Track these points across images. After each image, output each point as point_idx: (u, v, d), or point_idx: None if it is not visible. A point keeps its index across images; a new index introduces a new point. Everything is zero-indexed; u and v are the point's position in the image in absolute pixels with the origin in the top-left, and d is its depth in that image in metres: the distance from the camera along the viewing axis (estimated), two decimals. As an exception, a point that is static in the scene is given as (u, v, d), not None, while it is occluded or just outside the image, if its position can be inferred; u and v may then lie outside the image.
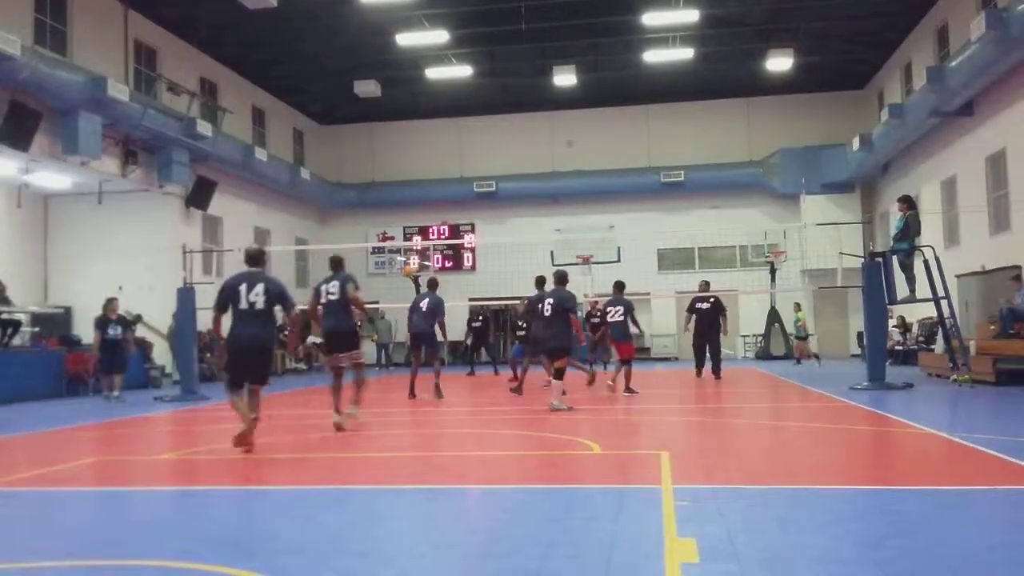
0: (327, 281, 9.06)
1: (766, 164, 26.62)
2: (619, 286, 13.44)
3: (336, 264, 9.30)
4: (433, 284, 13.27)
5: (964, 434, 7.82)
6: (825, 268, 19.79)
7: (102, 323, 14.56)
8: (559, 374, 10.50)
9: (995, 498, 5.22)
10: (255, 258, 7.95)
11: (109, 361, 14.60)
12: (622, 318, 12.86)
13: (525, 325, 15.90)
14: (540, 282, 12.62)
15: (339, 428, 8.76)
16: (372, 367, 25.63)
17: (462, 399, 13.96)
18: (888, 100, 23.18)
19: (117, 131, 17.92)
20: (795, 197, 25.75)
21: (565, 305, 10.55)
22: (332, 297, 8.89)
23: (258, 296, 7.55)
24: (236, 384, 7.60)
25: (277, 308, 7.75)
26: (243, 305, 7.54)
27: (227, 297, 7.65)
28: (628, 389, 12.76)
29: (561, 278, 11.00)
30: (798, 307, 22.69)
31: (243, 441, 7.39)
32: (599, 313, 16.10)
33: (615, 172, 27.43)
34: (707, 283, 17.04)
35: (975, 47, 15.80)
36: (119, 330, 14.77)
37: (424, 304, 12.76)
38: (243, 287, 7.58)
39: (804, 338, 22.37)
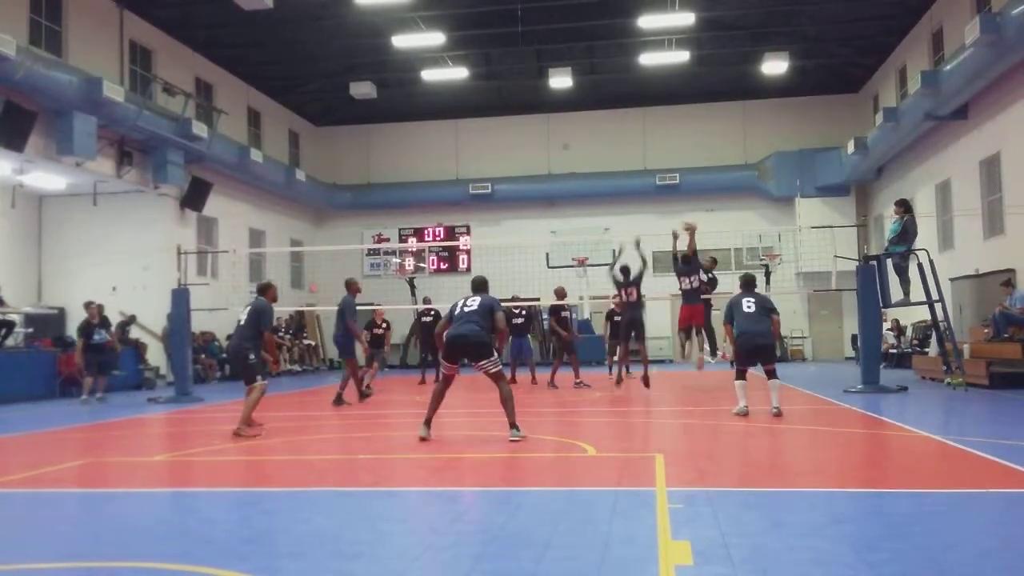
0: (467, 298, 8.62)
1: (761, 167, 26.68)
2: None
3: (480, 286, 8.87)
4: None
5: (958, 437, 7.85)
6: (820, 271, 19.80)
7: (86, 329, 14.63)
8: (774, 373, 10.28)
9: (988, 501, 5.23)
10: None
11: (96, 364, 14.67)
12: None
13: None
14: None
15: (424, 440, 8.22)
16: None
17: (455, 400, 13.95)
18: (883, 104, 23.23)
19: (112, 132, 17.88)
20: (790, 200, 25.86)
21: (767, 306, 10.50)
22: (468, 309, 8.42)
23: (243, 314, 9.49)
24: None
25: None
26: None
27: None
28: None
29: (750, 281, 10.84)
30: None
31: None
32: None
33: (610, 175, 27.45)
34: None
35: (970, 51, 15.85)
36: (103, 334, 14.79)
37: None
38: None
39: None
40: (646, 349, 14.57)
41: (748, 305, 10.34)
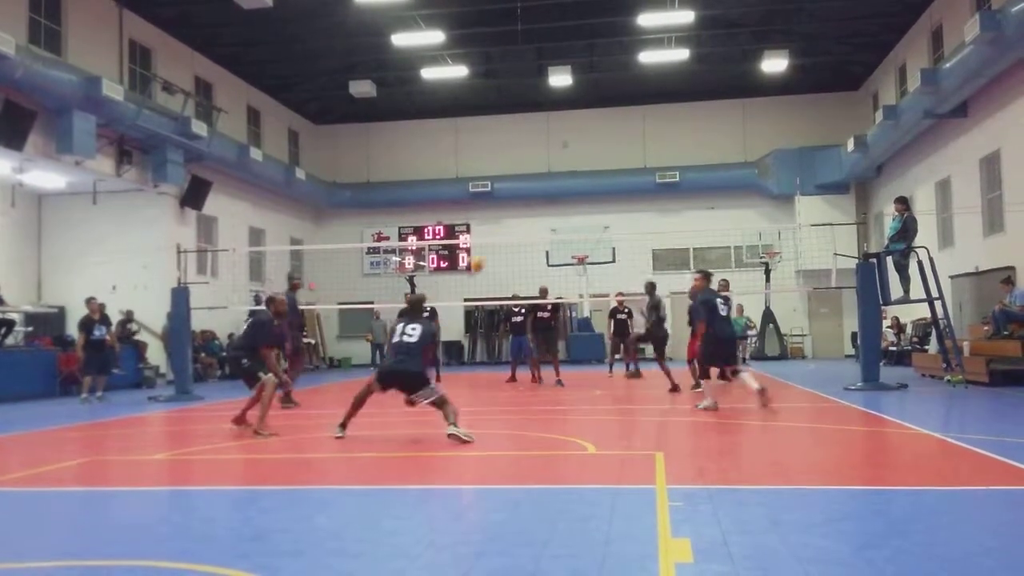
0: (407, 322, 8.43)
1: (761, 165, 26.68)
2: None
3: (416, 307, 8.76)
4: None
5: (957, 434, 7.86)
6: (820, 269, 19.80)
7: (87, 324, 14.52)
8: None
9: (988, 498, 5.23)
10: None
11: (97, 361, 14.56)
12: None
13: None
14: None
15: (339, 438, 8.40)
16: (367, 367, 25.63)
17: (455, 400, 13.94)
18: (883, 101, 23.22)
19: (112, 131, 17.88)
20: (790, 198, 25.86)
21: (730, 307, 10.57)
22: (408, 340, 8.29)
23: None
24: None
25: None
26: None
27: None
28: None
29: (711, 276, 10.88)
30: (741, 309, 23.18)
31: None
32: (626, 311, 17.08)
33: (610, 173, 27.46)
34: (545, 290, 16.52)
35: (969, 49, 15.84)
36: (104, 330, 14.72)
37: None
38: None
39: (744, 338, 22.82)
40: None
41: (723, 308, 10.41)
